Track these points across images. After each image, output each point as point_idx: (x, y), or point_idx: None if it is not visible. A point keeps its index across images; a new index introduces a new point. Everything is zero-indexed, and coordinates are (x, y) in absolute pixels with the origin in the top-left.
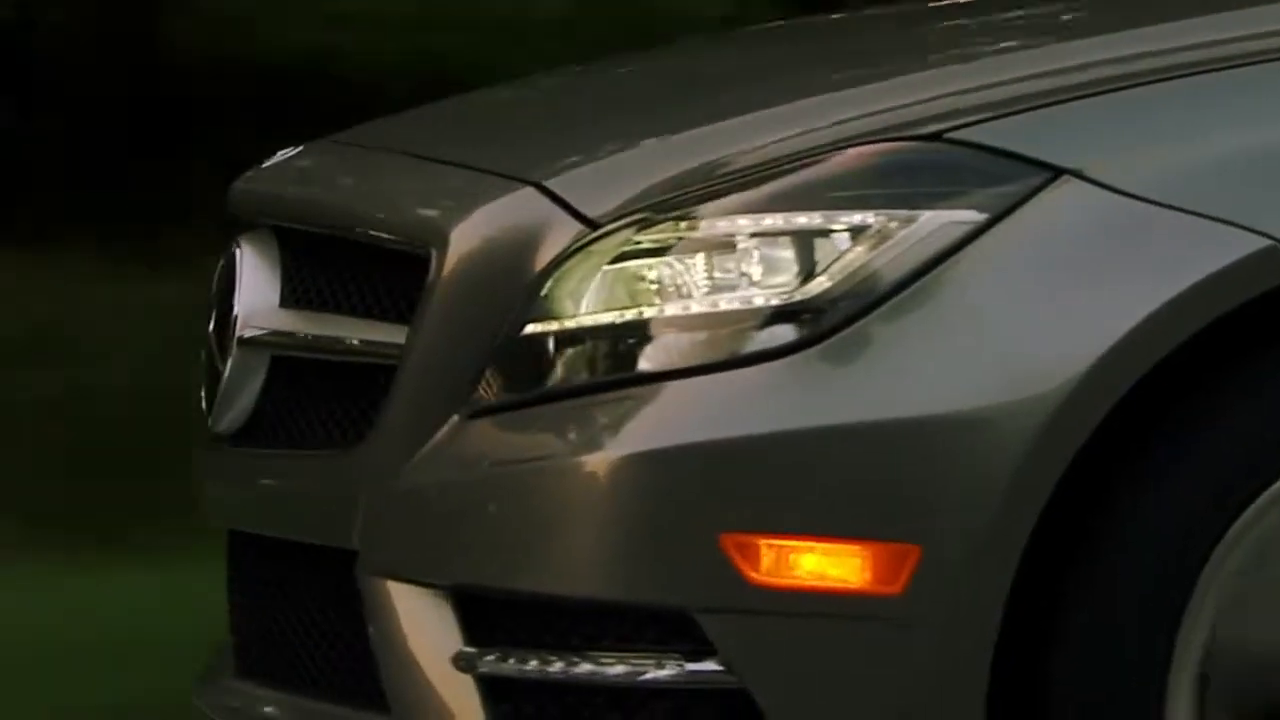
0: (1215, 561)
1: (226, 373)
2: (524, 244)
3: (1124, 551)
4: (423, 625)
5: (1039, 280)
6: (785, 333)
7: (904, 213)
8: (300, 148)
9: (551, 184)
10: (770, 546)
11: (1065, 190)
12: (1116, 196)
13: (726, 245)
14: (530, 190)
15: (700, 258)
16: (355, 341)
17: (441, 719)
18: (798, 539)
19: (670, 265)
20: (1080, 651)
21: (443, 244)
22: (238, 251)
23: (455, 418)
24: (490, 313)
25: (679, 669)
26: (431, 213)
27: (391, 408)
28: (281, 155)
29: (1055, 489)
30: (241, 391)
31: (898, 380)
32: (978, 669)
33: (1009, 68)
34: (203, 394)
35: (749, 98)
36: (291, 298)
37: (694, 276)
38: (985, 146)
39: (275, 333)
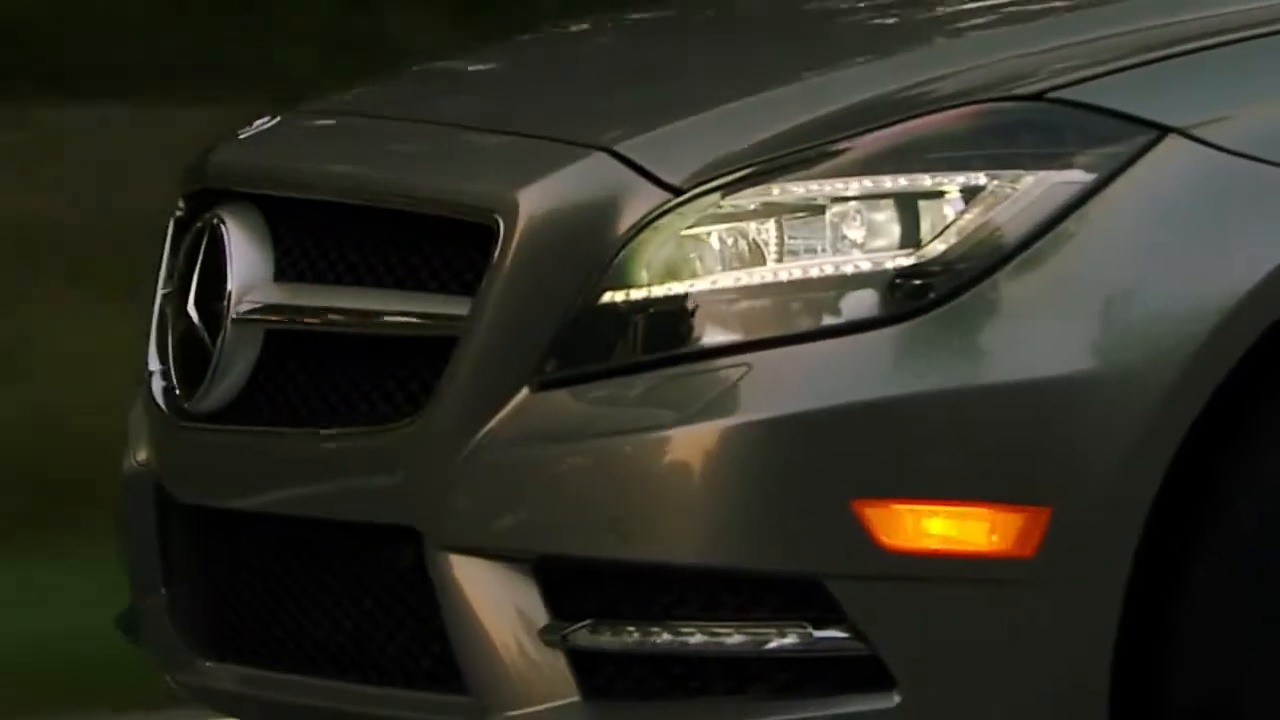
0: None
1: (220, 349)
2: (599, 212)
3: (1250, 494)
4: (504, 600)
5: (1154, 241)
6: (906, 297)
7: (1013, 173)
8: (277, 118)
9: (624, 149)
10: (902, 511)
11: (1172, 149)
12: (1223, 155)
13: (823, 209)
14: (603, 156)
15: (797, 222)
16: (397, 316)
17: (529, 694)
18: (928, 503)
19: (763, 230)
20: (1208, 597)
21: (512, 214)
22: (221, 225)
23: (525, 390)
24: (563, 283)
25: (803, 637)
26: (498, 182)
27: (453, 381)
28: (261, 124)
29: (1179, 447)
30: (233, 369)
31: (1021, 343)
32: (1106, 627)
33: (1103, 24)
34: (170, 372)
35: (819, 57)
36: (292, 271)
37: (792, 241)
38: (1089, 105)
39: (278, 308)
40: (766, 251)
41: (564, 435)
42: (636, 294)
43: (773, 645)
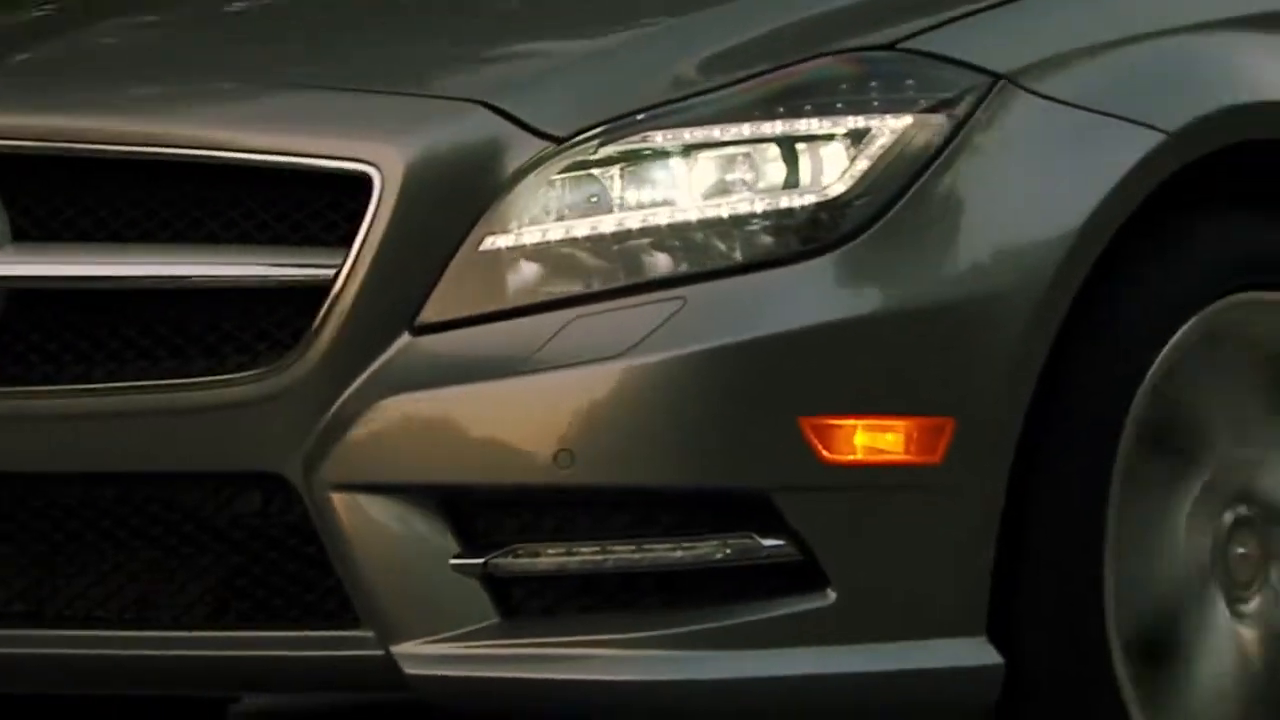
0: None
1: None
2: (478, 163)
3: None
4: (405, 534)
5: (1007, 176)
6: (812, 234)
7: (888, 118)
8: None
9: (502, 102)
10: (837, 426)
11: (1005, 95)
12: (1041, 100)
13: (708, 152)
14: (481, 109)
15: (680, 166)
16: (245, 268)
17: (440, 621)
18: (857, 418)
19: (643, 174)
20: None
21: (393, 167)
22: None
23: (406, 335)
24: (443, 232)
25: (745, 548)
26: (375, 138)
27: (326, 329)
28: None
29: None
30: None
31: (916, 272)
32: (993, 520)
33: None
34: None
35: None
36: (43, 230)
37: (688, 182)
38: (937, 55)
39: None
40: (646, 195)
41: (461, 376)
42: (518, 240)
43: (712, 556)
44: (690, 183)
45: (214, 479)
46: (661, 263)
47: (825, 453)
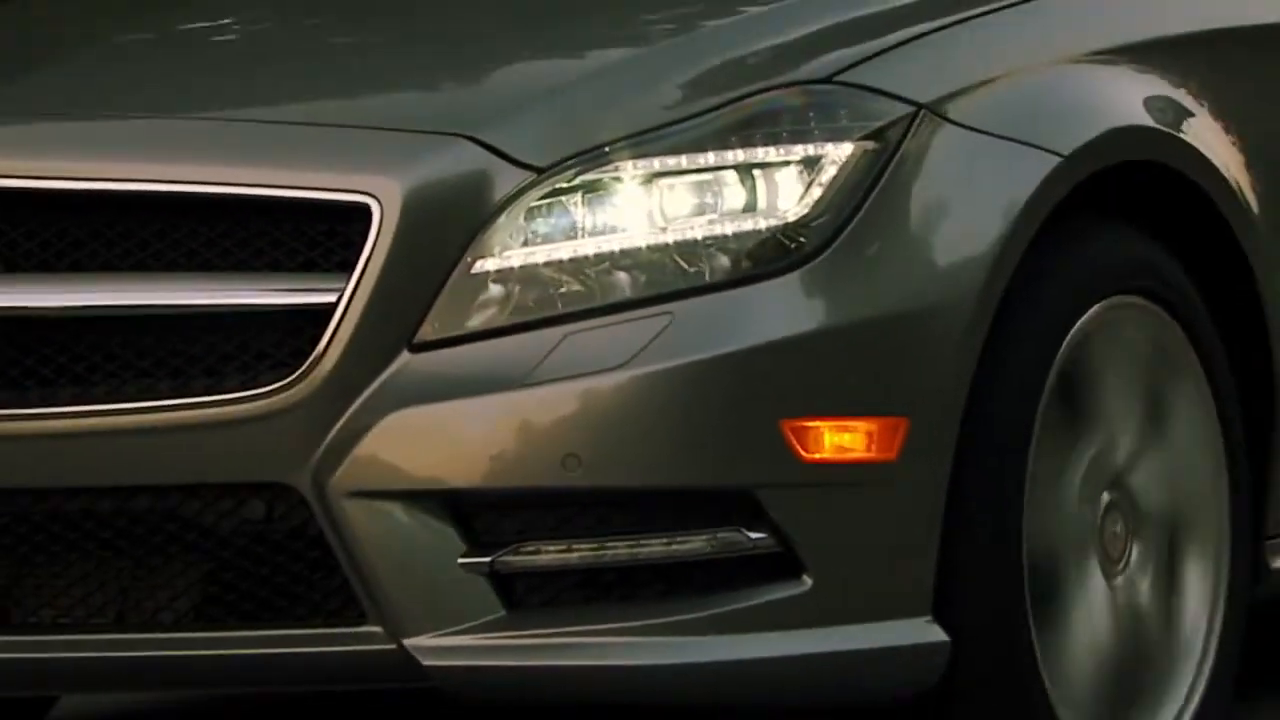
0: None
1: None
2: (467, 193)
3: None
4: (412, 535)
5: (936, 198)
6: (781, 254)
7: (834, 145)
8: None
9: (486, 136)
10: (812, 427)
11: (927, 123)
12: (955, 127)
13: (676, 179)
14: (467, 143)
15: (651, 191)
16: (246, 295)
17: (448, 615)
18: (828, 419)
19: (614, 200)
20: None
21: (391, 199)
22: None
23: (405, 353)
24: (437, 257)
25: (729, 542)
26: (373, 171)
27: (331, 348)
28: None
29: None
30: None
31: (871, 286)
32: (938, 507)
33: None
34: None
35: (627, 33)
36: (33, 261)
37: (659, 207)
38: (870, 87)
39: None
40: (620, 219)
41: (461, 390)
42: (506, 263)
43: (702, 550)
44: (661, 208)
45: (217, 490)
46: (644, 281)
47: (803, 452)
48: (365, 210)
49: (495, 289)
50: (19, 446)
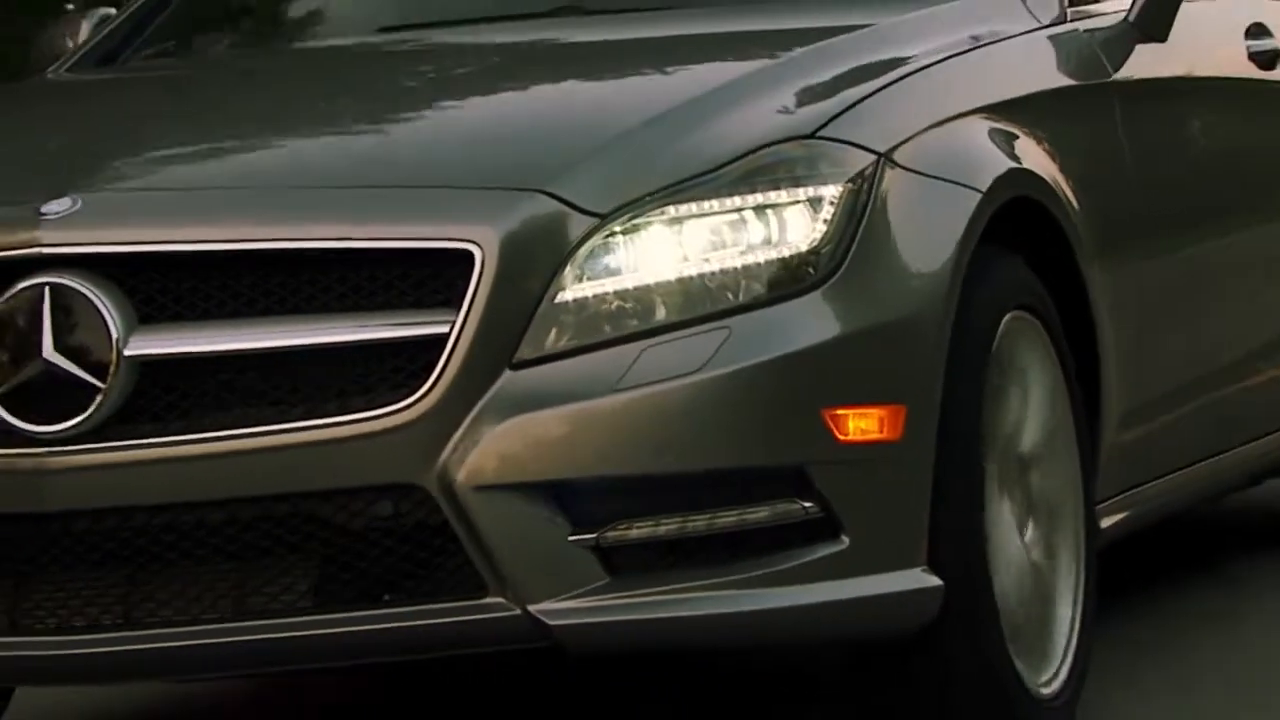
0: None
1: (113, 385)
2: (546, 236)
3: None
4: (527, 519)
5: (902, 230)
6: (804, 277)
7: (829, 188)
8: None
9: (556, 190)
10: (843, 414)
11: (885, 168)
12: (904, 171)
13: (713, 218)
14: (542, 196)
15: (694, 229)
16: (370, 331)
17: (561, 585)
18: (853, 408)
19: (667, 237)
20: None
21: (488, 245)
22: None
23: (507, 370)
24: (527, 291)
25: (786, 511)
26: (471, 223)
27: (448, 371)
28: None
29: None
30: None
31: (872, 300)
32: (928, 476)
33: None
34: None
35: (662, 92)
36: (167, 313)
37: (690, 244)
38: (844, 140)
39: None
40: (672, 252)
41: (560, 399)
42: (583, 293)
43: (765, 517)
44: (699, 243)
45: (351, 493)
46: (699, 303)
47: (838, 434)
48: (468, 255)
49: (575, 315)
50: (155, 470)
